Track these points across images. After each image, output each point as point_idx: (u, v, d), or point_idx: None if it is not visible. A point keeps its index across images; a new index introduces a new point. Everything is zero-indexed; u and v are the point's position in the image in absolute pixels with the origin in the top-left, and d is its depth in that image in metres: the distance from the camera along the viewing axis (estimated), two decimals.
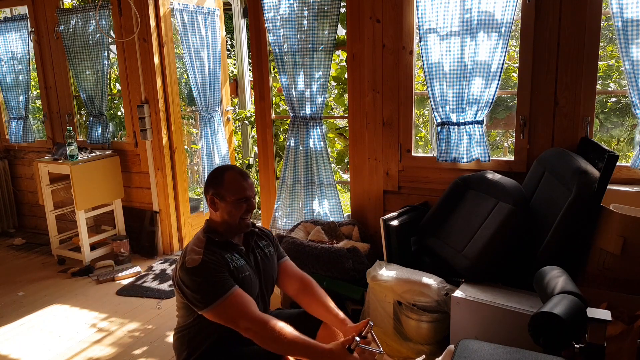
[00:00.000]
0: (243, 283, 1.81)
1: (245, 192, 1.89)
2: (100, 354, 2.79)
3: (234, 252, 1.88)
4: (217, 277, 1.74)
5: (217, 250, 1.82)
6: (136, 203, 4.30)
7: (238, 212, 1.88)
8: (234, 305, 1.72)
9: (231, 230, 1.92)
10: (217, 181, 1.90)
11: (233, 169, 1.95)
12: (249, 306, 1.74)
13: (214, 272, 1.75)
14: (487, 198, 2.55)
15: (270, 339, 1.70)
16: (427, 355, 2.39)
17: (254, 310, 1.74)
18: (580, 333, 1.42)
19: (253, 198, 1.92)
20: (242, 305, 1.73)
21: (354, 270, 2.74)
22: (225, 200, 1.87)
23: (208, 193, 1.91)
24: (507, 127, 4.52)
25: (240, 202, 1.88)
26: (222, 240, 1.88)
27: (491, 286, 2.35)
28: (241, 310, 1.72)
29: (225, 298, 1.72)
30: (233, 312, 1.72)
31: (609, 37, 4.26)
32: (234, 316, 1.72)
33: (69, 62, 4.24)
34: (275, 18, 3.24)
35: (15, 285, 3.74)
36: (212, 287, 1.73)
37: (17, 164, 4.94)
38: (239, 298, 1.74)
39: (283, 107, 4.71)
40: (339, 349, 1.68)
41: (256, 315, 1.73)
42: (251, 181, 1.94)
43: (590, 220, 2.15)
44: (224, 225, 1.91)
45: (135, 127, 4.08)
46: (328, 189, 3.39)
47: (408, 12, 2.90)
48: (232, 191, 1.87)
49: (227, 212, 1.88)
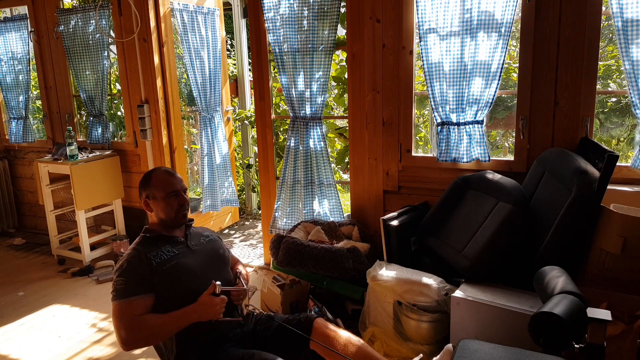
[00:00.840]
0: (170, 272, 1.89)
1: (172, 186, 2.00)
2: (100, 354, 2.79)
3: (166, 245, 1.97)
4: (125, 280, 1.84)
5: (143, 250, 1.92)
6: (136, 203, 4.30)
7: (171, 207, 1.99)
8: (121, 311, 1.80)
9: (169, 226, 2.03)
10: (146, 183, 2.03)
11: (159, 168, 2.08)
12: (130, 318, 1.79)
13: (127, 273, 1.85)
14: (487, 198, 2.55)
15: (149, 337, 1.82)
16: (427, 355, 2.39)
17: (133, 321, 1.79)
18: (580, 333, 1.42)
19: (183, 192, 2.03)
20: (126, 316, 1.79)
21: (354, 270, 2.74)
22: (156, 198, 2.00)
23: (141, 197, 2.04)
24: (507, 127, 4.52)
25: (169, 196, 1.99)
26: (154, 235, 1.99)
27: (491, 286, 2.35)
28: (120, 321, 1.79)
29: (120, 301, 1.81)
30: (116, 319, 1.80)
31: (609, 37, 4.26)
32: (116, 323, 1.80)
33: (69, 62, 4.24)
34: (275, 18, 3.24)
35: (15, 285, 3.74)
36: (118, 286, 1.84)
37: (17, 164, 4.94)
38: (128, 309, 1.80)
39: (283, 107, 4.71)
40: (204, 298, 1.83)
41: (131, 324, 1.78)
42: (179, 177, 2.06)
43: (590, 220, 2.15)
44: (161, 224, 2.03)
45: (135, 127, 4.08)
46: (328, 189, 3.39)
47: (408, 12, 2.90)
48: (160, 188, 1.99)
49: (162, 210, 2.00)
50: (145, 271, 1.86)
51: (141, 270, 1.86)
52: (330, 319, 2.62)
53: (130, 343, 1.79)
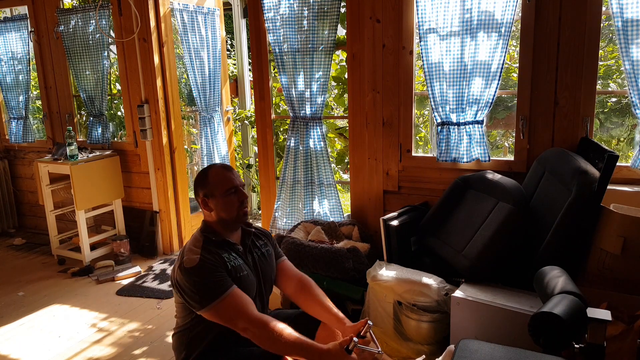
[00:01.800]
0: (241, 282, 1.80)
1: (231, 182, 1.88)
2: (100, 354, 2.79)
3: (231, 252, 1.87)
4: (215, 277, 1.74)
5: (215, 250, 1.82)
6: (136, 203, 4.30)
7: (231, 204, 1.87)
8: (232, 305, 1.72)
9: (229, 226, 1.91)
10: (203, 181, 1.91)
11: (214, 165, 1.96)
12: (247, 306, 1.73)
13: (211, 271, 1.75)
14: (487, 198, 2.55)
15: (268, 339, 1.70)
16: (427, 355, 2.39)
17: (252, 310, 1.74)
18: (580, 333, 1.42)
19: (242, 187, 1.91)
20: (240, 305, 1.72)
21: (354, 270, 2.74)
22: (215, 196, 1.87)
23: (198, 196, 1.92)
24: (507, 127, 4.52)
25: (229, 193, 1.87)
26: (219, 240, 1.87)
27: (491, 286, 2.35)
28: (239, 310, 1.72)
29: (224, 298, 1.72)
30: (231, 312, 1.72)
31: (609, 37, 4.26)
32: (232, 316, 1.72)
33: (69, 62, 4.24)
34: (275, 18, 3.24)
35: (15, 285, 3.74)
36: (210, 287, 1.73)
37: (17, 164, 4.94)
38: (237, 298, 1.73)
39: (283, 107, 4.71)
40: (337, 350, 1.67)
41: (254, 315, 1.72)
42: (236, 172, 1.94)
43: (590, 220, 2.15)
44: (221, 224, 1.90)
45: (135, 127, 4.08)
46: (328, 189, 3.39)
47: (408, 12, 2.90)
48: (219, 185, 1.87)
49: (222, 208, 1.87)
50: (224, 270, 1.77)
51: (221, 267, 1.77)
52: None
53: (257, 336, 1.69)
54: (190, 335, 1.87)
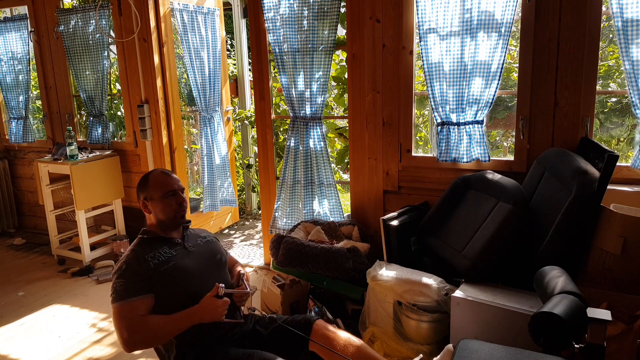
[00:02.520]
0: (168, 273, 1.89)
1: (170, 186, 2.00)
2: (100, 354, 2.79)
3: (164, 246, 1.96)
4: (125, 282, 1.83)
5: (141, 251, 1.92)
6: (136, 203, 4.28)
7: (169, 207, 1.99)
8: (121, 313, 1.79)
9: (167, 226, 2.02)
10: (143, 184, 2.03)
11: (155, 170, 2.09)
12: (132, 319, 1.78)
13: (126, 275, 1.85)
14: (487, 198, 2.55)
15: (150, 338, 1.81)
16: (427, 355, 2.39)
17: (135, 322, 1.78)
18: (580, 333, 1.42)
19: (181, 191, 2.02)
20: (128, 317, 1.78)
21: (354, 270, 2.74)
22: (154, 199, 1.99)
23: (139, 199, 2.03)
24: (507, 127, 4.52)
25: (167, 196, 1.99)
26: (151, 237, 1.98)
27: (491, 286, 2.35)
28: (122, 323, 1.78)
29: (119, 303, 1.80)
30: (117, 320, 1.80)
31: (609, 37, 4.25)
32: (117, 324, 1.79)
33: (69, 62, 4.24)
34: (275, 18, 3.24)
35: (15, 285, 3.74)
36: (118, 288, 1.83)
37: (17, 164, 4.94)
38: (128, 310, 1.79)
39: (283, 107, 4.71)
40: (207, 300, 1.84)
41: (133, 325, 1.78)
42: (176, 177, 2.06)
43: (590, 220, 2.15)
44: (159, 225, 2.02)
45: (135, 127, 4.08)
46: (328, 189, 3.39)
47: (408, 12, 2.90)
48: (158, 188, 1.99)
49: (160, 210, 1.99)
50: (144, 272, 1.86)
51: (140, 271, 1.86)
52: (330, 319, 2.62)
53: (132, 344, 1.79)
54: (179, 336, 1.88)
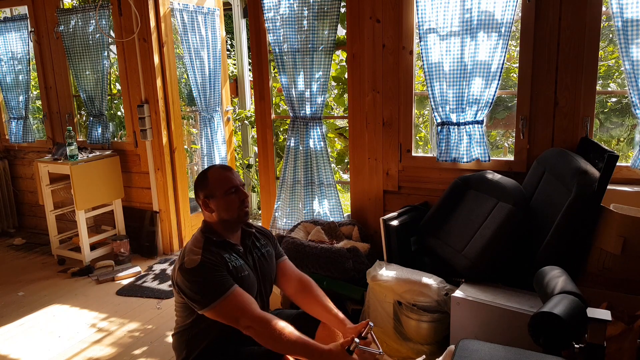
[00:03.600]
0: (242, 282, 1.81)
1: (231, 181, 1.89)
2: (100, 354, 2.79)
3: (232, 252, 1.88)
4: (216, 277, 1.75)
5: (215, 250, 1.82)
6: (136, 203, 4.30)
7: (232, 204, 1.87)
8: (234, 304, 1.73)
9: (230, 226, 1.91)
10: (203, 182, 1.92)
11: (214, 166, 1.97)
12: (250, 304, 1.74)
13: (213, 271, 1.75)
14: (487, 198, 2.55)
15: (270, 337, 1.70)
16: (427, 355, 2.39)
17: (254, 308, 1.75)
18: (580, 333, 1.42)
19: (242, 186, 1.92)
20: (242, 303, 1.73)
21: (354, 270, 2.74)
22: (216, 197, 1.88)
23: (199, 198, 1.92)
24: (507, 127, 4.52)
25: (229, 193, 1.87)
26: (220, 240, 1.87)
27: (491, 286, 2.35)
28: (242, 309, 1.73)
29: (226, 297, 1.73)
30: (234, 311, 1.73)
31: (609, 37, 4.26)
32: (235, 314, 1.73)
33: (69, 62, 4.24)
34: (275, 18, 3.24)
35: (15, 285, 3.74)
36: (212, 286, 1.74)
37: (17, 164, 4.94)
38: (239, 297, 1.74)
39: (283, 107, 4.71)
40: (338, 350, 1.68)
41: (257, 313, 1.73)
42: (236, 172, 1.95)
43: (590, 220, 2.15)
44: (222, 224, 1.90)
45: (135, 127, 4.08)
46: (328, 189, 3.39)
47: (408, 12, 2.90)
48: (219, 185, 1.88)
49: (223, 209, 1.88)
50: (225, 270, 1.78)
51: (222, 267, 1.78)
52: None
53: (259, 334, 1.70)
54: (191, 334, 1.87)
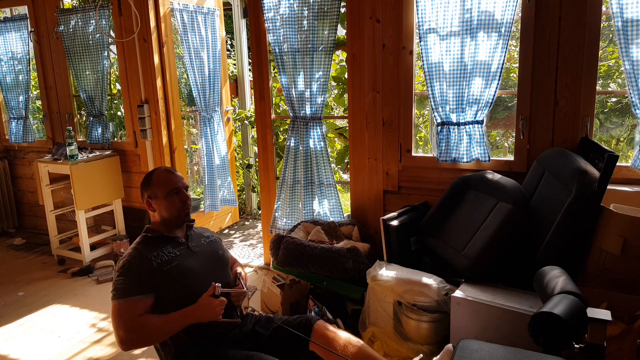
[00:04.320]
0: (170, 273, 1.88)
1: (174, 184, 2.00)
2: (100, 354, 2.79)
3: (167, 245, 1.96)
4: (127, 279, 1.83)
5: (144, 250, 1.91)
6: (136, 203, 4.30)
7: (174, 205, 1.98)
8: (120, 311, 1.79)
9: (171, 225, 2.02)
10: (147, 182, 2.02)
11: (159, 168, 2.08)
12: (130, 318, 1.78)
13: (127, 273, 1.85)
14: (487, 198, 2.55)
15: (147, 337, 1.82)
16: (427, 355, 2.39)
17: (132, 321, 1.78)
18: (580, 333, 1.42)
19: (185, 189, 2.02)
20: (126, 316, 1.78)
21: (354, 270, 2.74)
22: (158, 197, 1.98)
23: (143, 197, 2.03)
24: (507, 127, 4.52)
25: (171, 194, 1.98)
26: (155, 236, 1.98)
27: (491, 286, 2.35)
28: (120, 321, 1.78)
29: (119, 301, 1.80)
30: (116, 317, 1.79)
31: (609, 37, 4.25)
32: (115, 323, 1.79)
33: (69, 62, 4.24)
34: (275, 18, 3.24)
35: (15, 285, 3.74)
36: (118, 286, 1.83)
37: (17, 164, 4.94)
38: (127, 308, 1.79)
39: (283, 107, 4.71)
40: (204, 299, 1.84)
41: (130, 324, 1.77)
42: (179, 175, 2.05)
43: (590, 220, 2.15)
44: (163, 223, 2.02)
45: (135, 127, 4.08)
46: (328, 189, 3.39)
47: (408, 12, 2.90)
48: (161, 187, 1.99)
49: (164, 208, 1.99)
50: (146, 271, 1.86)
51: (142, 270, 1.86)
52: (330, 319, 2.62)
53: (129, 343, 1.79)
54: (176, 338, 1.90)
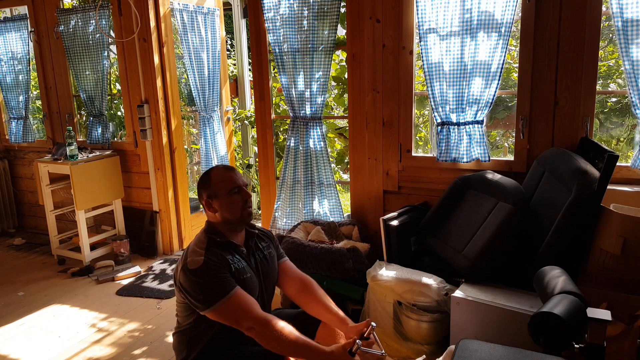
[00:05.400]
0: (244, 284, 1.81)
1: (234, 182, 1.89)
2: (100, 354, 2.79)
3: (235, 254, 1.88)
4: (218, 278, 1.75)
5: (218, 252, 1.82)
6: (136, 203, 4.30)
7: (235, 204, 1.88)
8: (236, 305, 1.73)
9: (233, 226, 1.91)
10: (206, 183, 1.92)
11: (217, 167, 1.97)
12: (252, 306, 1.75)
13: (215, 272, 1.76)
14: (487, 198, 2.55)
15: (272, 339, 1.71)
16: (428, 355, 2.39)
17: (256, 309, 1.75)
18: (580, 333, 1.42)
19: (245, 186, 1.92)
20: (244, 304, 1.74)
21: (354, 270, 2.74)
22: (219, 197, 1.88)
23: (202, 198, 1.93)
24: (507, 127, 4.52)
25: (232, 193, 1.88)
26: (223, 241, 1.87)
27: (491, 286, 2.35)
28: (244, 310, 1.73)
29: (228, 298, 1.73)
30: (236, 312, 1.73)
31: (609, 37, 4.26)
32: (236, 316, 1.73)
33: (69, 62, 4.24)
34: (275, 18, 3.24)
35: (15, 285, 3.74)
36: (214, 287, 1.74)
37: (17, 164, 4.94)
38: (241, 298, 1.74)
39: (283, 107, 4.71)
40: (340, 352, 1.68)
41: (259, 314, 1.74)
42: (238, 172, 1.95)
43: (590, 220, 2.15)
44: (225, 225, 1.90)
45: (135, 127, 4.08)
46: (328, 189, 3.39)
47: (408, 12, 2.90)
48: (222, 185, 1.88)
49: (226, 208, 1.88)
50: (227, 272, 1.78)
51: (225, 269, 1.78)
52: None
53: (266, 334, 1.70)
54: (191, 334, 1.87)
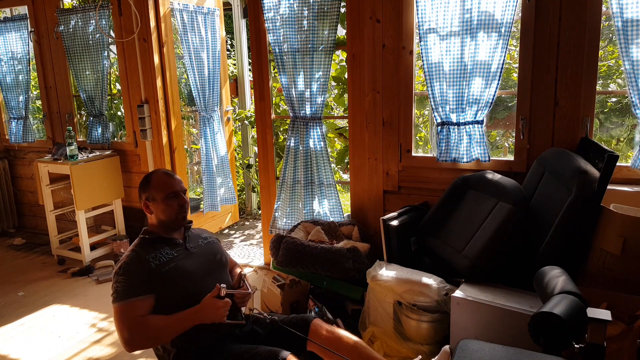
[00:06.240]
0: (169, 275, 1.89)
1: (172, 188, 2.00)
2: (100, 354, 2.79)
3: (165, 247, 1.96)
4: (126, 282, 1.83)
5: (142, 251, 1.91)
6: (136, 203, 4.30)
7: (171, 209, 1.99)
8: (122, 314, 1.79)
9: (168, 227, 2.02)
10: (146, 184, 2.02)
11: (158, 170, 2.08)
12: (133, 319, 1.78)
13: (125, 274, 1.85)
14: (487, 198, 2.55)
15: (152, 338, 1.83)
16: (426, 355, 2.39)
17: (135, 322, 1.78)
18: (580, 333, 1.42)
19: (183, 193, 2.02)
20: (129, 317, 1.78)
21: (354, 270, 2.74)
22: (156, 200, 1.99)
23: (141, 199, 2.03)
24: (507, 127, 4.52)
25: (169, 198, 1.99)
26: (152, 237, 1.98)
27: (491, 286, 2.35)
28: (123, 323, 1.78)
29: (120, 303, 1.80)
30: (118, 321, 1.79)
31: (609, 37, 4.25)
32: (118, 324, 1.79)
33: (69, 62, 4.24)
34: (275, 18, 3.24)
35: (15, 285, 3.74)
36: (120, 288, 1.82)
37: (17, 164, 4.94)
38: (129, 310, 1.79)
39: (283, 107, 4.71)
40: (208, 300, 1.83)
41: (134, 325, 1.77)
42: (178, 178, 2.06)
43: (590, 220, 2.15)
44: (160, 225, 2.02)
45: (135, 127, 4.08)
46: (328, 189, 3.39)
47: (408, 12, 2.90)
48: (160, 190, 1.99)
49: (161, 211, 1.99)
50: (145, 272, 1.86)
51: (141, 271, 1.86)
52: (330, 319, 2.62)
53: (133, 344, 1.79)
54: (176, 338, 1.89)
